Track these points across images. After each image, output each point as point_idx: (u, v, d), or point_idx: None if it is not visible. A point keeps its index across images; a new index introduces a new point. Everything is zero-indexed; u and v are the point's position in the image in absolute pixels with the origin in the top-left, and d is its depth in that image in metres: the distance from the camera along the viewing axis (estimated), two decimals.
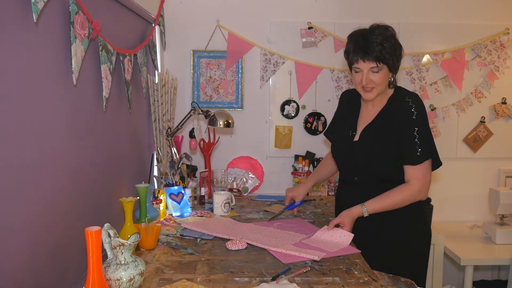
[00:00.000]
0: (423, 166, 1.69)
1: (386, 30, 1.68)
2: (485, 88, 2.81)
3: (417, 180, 1.69)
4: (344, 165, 1.89)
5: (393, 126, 1.72)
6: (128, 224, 1.54)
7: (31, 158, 1.16)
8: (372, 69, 1.67)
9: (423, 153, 1.68)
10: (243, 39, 2.74)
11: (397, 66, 1.73)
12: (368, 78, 1.69)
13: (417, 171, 1.69)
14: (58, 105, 1.30)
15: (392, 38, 1.68)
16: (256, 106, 2.81)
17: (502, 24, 2.78)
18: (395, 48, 1.68)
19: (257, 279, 1.38)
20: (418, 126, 1.68)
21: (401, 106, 1.72)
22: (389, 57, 1.66)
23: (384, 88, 1.74)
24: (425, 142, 1.68)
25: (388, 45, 1.65)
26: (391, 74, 1.73)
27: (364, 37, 1.67)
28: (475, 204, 2.91)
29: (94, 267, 1.15)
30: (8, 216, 1.06)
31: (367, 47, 1.65)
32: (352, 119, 1.87)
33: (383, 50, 1.64)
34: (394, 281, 1.51)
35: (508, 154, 2.88)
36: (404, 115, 1.70)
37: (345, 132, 1.87)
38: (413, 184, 1.69)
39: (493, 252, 2.45)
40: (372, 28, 1.70)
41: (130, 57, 1.87)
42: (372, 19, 1.79)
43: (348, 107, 1.92)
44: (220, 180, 2.51)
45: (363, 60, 1.67)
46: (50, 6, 1.23)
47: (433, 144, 1.73)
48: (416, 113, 1.68)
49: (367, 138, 1.78)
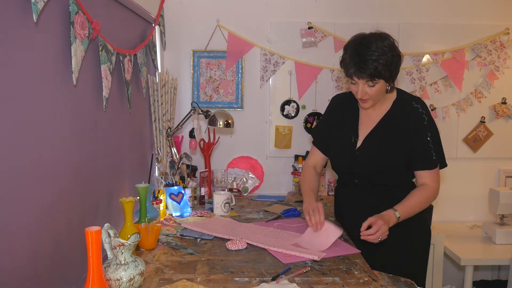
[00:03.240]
0: (437, 170, 1.74)
1: (383, 41, 1.61)
2: (485, 88, 2.81)
3: (434, 182, 1.72)
4: (346, 172, 1.84)
5: (402, 132, 1.70)
6: (128, 224, 1.54)
7: (31, 158, 1.16)
8: (368, 83, 1.63)
9: (437, 157, 1.72)
10: (243, 39, 2.74)
11: (395, 74, 1.67)
12: (364, 91, 1.64)
13: (433, 174, 1.73)
14: (58, 105, 1.30)
15: (390, 51, 1.60)
16: (256, 106, 2.81)
17: (502, 24, 2.78)
18: (392, 61, 1.61)
19: (257, 279, 1.38)
20: (430, 131, 1.70)
21: (410, 112, 1.71)
22: (385, 72, 1.60)
23: (382, 96, 1.71)
24: (437, 145, 1.73)
25: (384, 60, 1.58)
26: (389, 84, 1.68)
27: (359, 53, 1.59)
28: (475, 204, 2.91)
29: (94, 267, 1.15)
30: (8, 216, 1.06)
31: (362, 65, 1.59)
32: (351, 124, 1.81)
33: (378, 67, 1.58)
34: (394, 281, 1.51)
35: (508, 154, 2.88)
36: (415, 120, 1.70)
37: (346, 138, 1.80)
38: (432, 186, 1.72)
39: (493, 252, 2.45)
40: (369, 41, 1.61)
41: (130, 57, 1.87)
42: (372, 19, 1.79)
43: (344, 113, 1.85)
44: (220, 180, 2.51)
45: (358, 77, 1.62)
46: (50, 6, 1.23)
47: (442, 150, 1.77)
48: (427, 119, 1.70)
49: (372, 144, 1.74)
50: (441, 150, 1.75)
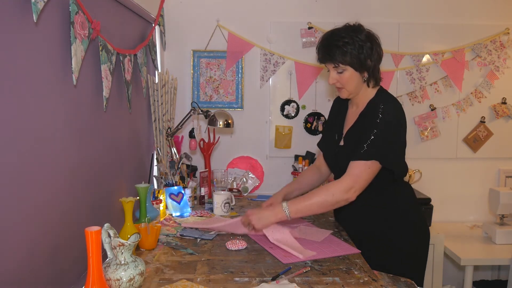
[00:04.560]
0: (362, 164, 1.60)
1: (355, 31, 1.62)
2: (485, 88, 2.81)
3: (349, 176, 1.61)
4: (334, 170, 1.89)
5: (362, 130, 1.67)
6: (128, 224, 1.54)
7: (31, 158, 1.16)
8: (336, 69, 1.66)
9: (366, 152, 1.60)
10: (243, 39, 2.74)
11: (369, 63, 1.64)
12: (334, 77, 1.68)
13: (354, 167, 1.61)
14: (58, 105, 1.30)
15: (360, 41, 1.61)
16: (256, 106, 2.81)
17: (502, 24, 2.78)
18: (361, 50, 1.61)
19: (257, 279, 1.38)
20: (378, 129, 1.61)
21: (372, 111, 1.66)
22: (352, 59, 1.61)
23: (357, 86, 1.69)
24: (376, 145, 1.60)
25: (349, 46, 1.60)
26: (364, 74, 1.67)
27: (328, 39, 1.66)
28: (475, 204, 2.91)
29: (94, 267, 1.15)
30: (8, 216, 1.06)
31: (325, 50, 1.65)
32: (339, 122, 1.86)
33: (340, 53, 1.61)
34: (394, 281, 1.51)
35: (508, 154, 2.88)
36: (370, 118, 1.65)
37: (332, 136, 1.86)
38: (344, 179, 1.61)
39: (493, 252, 2.45)
40: (339, 30, 1.66)
41: (130, 57, 1.87)
42: (372, 19, 1.79)
43: (339, 112, 1.90)
44: (220, 180, 2.51)
45: (323, 62, 1.69)
46: (50, 6, 1.23)
47: (386, 153, 1.62)
48: (380, 117, 1.61)
49: (348, 142, 1.76)
50: (381, 153, 1.61)
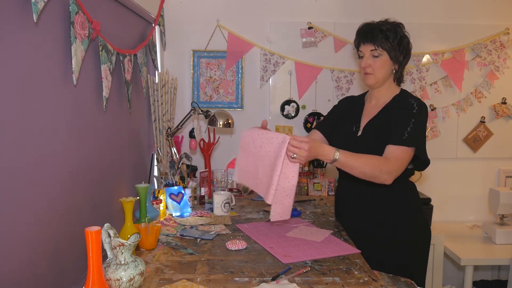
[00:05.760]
0: (404, 150, 1.62)
1: (394, 23, 1.74)
2: (485, 88, 2.81)
3: (396, 160, 1.60)
4: None
5: (393, 119, 1.70)
6: (128, 224, 1.54)
7: (31, 158, 1.16)
8: (372, 53, 1.72)
9: (409, 139, 1.62)
10: (243, 39, 2.74)
11: (401, 59, 1.74)
12: (368, 62, 1.73)
13: (398, 152, 1.61)
14: (58, 105, 1.31)
15: (400, 32, 1.72)
16: (256, 106, 2.81)
17: (502, 24, 2.78)
18: (398, 39, 1.71)
19: (257, 279, 1.38)
20: (415, 118, 1.65)
21: (402, 104, 1.72)
22: (390, 45, 1.70)
23: (385, 76, 1.74)
24: (415, 133, 1.63)
25: (391, 34, 1.70)
26: (395, 66, 1.74)
27: (369, 24, 1.76)
28: (475, 204, 2.91)
29: (94, 267, 1.15)
30: (8, 216, 1.06)
31: (368, 32, 1.73)
32: (355, 116, 1.86)
33: (383, 36, 1.69)
34: (394, 281, 1.51)
35: (508, 154, 2.88)
36: (405, 108, 1.70)
37: (348, 127, 1.84)
38: (392, 162, 1.59)
39: (493, 252, 2.45)
40: (383, 20, 1.76)
41: (130, 57, 1.87)
42: (372, 19, 1.79)
43: (350, 108, 1.91)
44: (220, 180, 2.50)
45: (363, 42, 1.74)
46: (50, 6, 1.23)
47: (422, 142, 1.68)
48: (417, 109, 1.68)
49: (369, 133, 1.77)
50: (419, 142, 1.66)
